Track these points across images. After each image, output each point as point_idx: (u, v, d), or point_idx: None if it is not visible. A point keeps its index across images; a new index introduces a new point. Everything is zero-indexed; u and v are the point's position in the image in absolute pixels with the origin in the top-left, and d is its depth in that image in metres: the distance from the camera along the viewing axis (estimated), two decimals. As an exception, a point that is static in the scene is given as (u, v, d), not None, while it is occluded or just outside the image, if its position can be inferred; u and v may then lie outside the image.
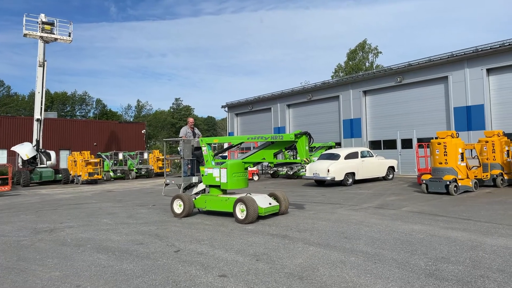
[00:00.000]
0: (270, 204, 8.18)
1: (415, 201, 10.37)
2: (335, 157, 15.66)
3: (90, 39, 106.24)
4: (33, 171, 21.61)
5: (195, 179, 9.41)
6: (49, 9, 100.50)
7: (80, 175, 21.22)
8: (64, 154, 31.50)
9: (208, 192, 9.01)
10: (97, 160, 22.19)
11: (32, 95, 56.12)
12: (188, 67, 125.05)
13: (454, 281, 4.10)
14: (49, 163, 22.52)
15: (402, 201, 10.45)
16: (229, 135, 33.20)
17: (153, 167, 26.95)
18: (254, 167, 19.76)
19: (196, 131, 10.97)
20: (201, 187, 9.23)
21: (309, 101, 26.35)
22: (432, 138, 13.08)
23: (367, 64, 48.80)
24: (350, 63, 49.63)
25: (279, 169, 21.27)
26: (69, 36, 23.09)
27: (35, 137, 22.28)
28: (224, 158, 16.58)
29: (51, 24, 22.33)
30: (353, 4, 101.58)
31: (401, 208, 9.27)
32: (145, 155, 27.39)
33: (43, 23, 21.90)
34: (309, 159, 7.79)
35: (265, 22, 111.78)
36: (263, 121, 30.17)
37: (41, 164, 22.23)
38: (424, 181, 12.18)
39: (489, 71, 17.74)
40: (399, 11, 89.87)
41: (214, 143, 9.39)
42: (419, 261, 4.82)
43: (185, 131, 10.77)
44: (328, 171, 14.84)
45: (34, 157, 21.96)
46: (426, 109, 20.05)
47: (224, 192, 8.68)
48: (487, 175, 13.01)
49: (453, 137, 12.05)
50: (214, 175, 8.46)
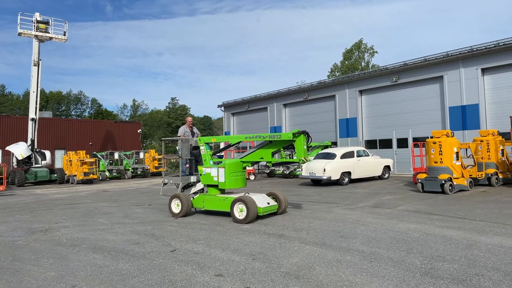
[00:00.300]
0: (268, 203, 8.15)
1: (410, 200, 10.41)
2: (331, 156, 15.70)
3: (85, 38, 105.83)
4: (28, 171, 21.49)
5: (193, 179, 9.35)
6: (44, 8, 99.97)
7: (75, 175, 21.11)
8: (59, 153, 31.28)
9: (206, 191, 8.97)
10: (92, 159, 22.09)
11: (27, 95, 55.73)
12: (184, 66, 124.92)
13: (449, 279, 4.12)
14: (44, 163, 22.39)
15: (397, 200, 10.49)
16: (225, 135, 33.18)
17: (149, 167, 26.89)
18: (251, 167, 19.77)
19: (194, 130, 10.93)
20: (199, 186, 9.18)
21: (305, 100, 26.38)
22: (427, 137, 13.16)
23: (363, 63, 48.95)
24: (346, 62, 49.76)
25: (276, 168, 21.28)
26: (64, 35, 22.91)
27: (30, 136, 22.13)
28: (220, 157, 16.58)
29: (46, 23, 22.14)
30: (349, 4, 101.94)
31: (397, 207, 9.31)
32: (141, 155, 27.31)
33: (38, 22, 21.72)
34: (307, 159, 7.79)
35: (261, 21, 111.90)
36: (260, 120, 30.17)
37: (36, 164, 22.09)
38: (419, 180, 12.24)
39: (484, 71, 17.84)
40: (395, 11, 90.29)
41: (212, 143, 9.36)
42: (414, 260, 4.84)
43: (183, 130, 10.72)
44: (324, 170, 14.87)
45: (29, 157, 21.83)
46: (421, 109, 20.14)
47: (222, 191, 8.64)
48: (482, 174, 13.09)
49: (448, 137, 12.11)
50: (212, 175, 8.42)
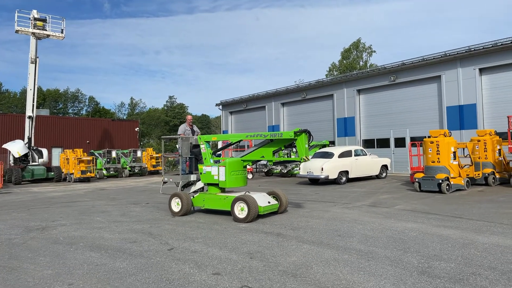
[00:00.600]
0: (269, 202, 8.09)
1: (408, 199, 10.44)
2: (329, 155, 15.71)
3: (83, 35, 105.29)
4: (25, 169, 21.40)
5: (193, 177, 9.28)
6: (42, 5, 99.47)
7: (72, 173, 21.06)
8: (56, 151, 31.19)
9: (206, 190, 8.91)
10: (90, 158, 22.01)
11: (24, 92, 55.51)
12: (182, 64, 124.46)
13: (446, 278, 4.13)
14: (41, 161, 22.30)
15: (395, 199, 10.52)
16: (223, 134, 33.14)
17: (146, 165, 26.85)
18: (250, 166, 19.71)
19: (195, 128, 10.88)
20: (199, 185, 9.11)
21: (304, 99, 26.39)
22: (425, 137, 13.17)
23: (361, 63, 48.99)
24: (344, 62, 49.79)
25: (273, 167, 21.27)
26: (62, 32, 22.79)
27: (27, 134, 22.04)
28: (218, 156, 16.54)
29: (43, 20, 22.04)
30: (348, 3, 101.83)
31: (394, 206, 9.33)
32: (139, 153, 27.23)
33: (35, 19, 21.61)
34: (308, 158, 7.75)
35: (260, 20, 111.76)
36: (258, 119, 30.16)
37: (33, 161, 21.99)
38: (417, 180, 12.27)
39: (481, 71, 17.89)
40: (393, 10, 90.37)
41: (212, 141, 9.32)
42: (411, 259, 4.86)
43: (183, 128, 10.64)
44: (322, 169, 14.88)
45: (26, 155, 21.73)
46: (419, 108, 20.18)
47: (222, 190, 8.60)
48: (479, 174, 13.14)
49: (445, 136, 12.14)
50: (212, 173, 8.37)
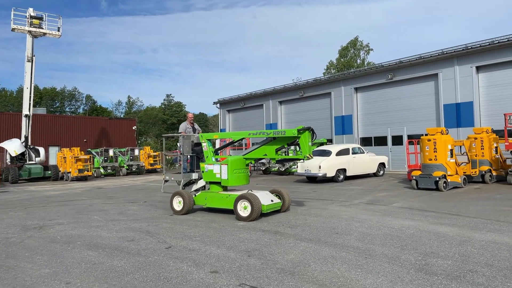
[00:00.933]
0: (272, 201, 8.03)
1: (405, 197, 10.47)
2: (327, 153, 15.73)
3: (79, 34, 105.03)
4: (22, 168, 21.30)
5: (194, 176, 9.22)
6: (38, 3, 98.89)
7: (69, 172, 21.00)
8: (53, 150, 31.07)
9: (208, 189, 8.86)
10: (87, 156, 21.95)
11: (20, 91, 55.24)
12: (179, 63, 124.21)
13: (443, 275, 4.15)
14: (38, 159, 22.21)
15: (392, 197, 10.55)
16: (221, 132, 33.11)
17: (144, 164, 26.81)
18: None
19: (196, 126, 10.83)
20: (201, 183, 9.04)
21: (301, 97, 26.38)
22: (422, 134, 13.22)
23: (359, 61, 49.03)
24: (341, 60, 49.80)
25: (271, 165, 21.28)
26: (58, 30, 22.66)
27: (23, 133, 21.92)
28: (216, 155, 16.51)
29: (40, 18, 21.90)
30: (345, 1, 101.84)
31: (392, 204, 9.35)
32: (136, 152, 27.21)
33: (31, 17, 21.48)
34: (312, 155, 7.70)
35: (257, 18, 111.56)
36: (255, 117, 30.13)
37: (30, 160, 21.89)
38: (414, 177, 12.30)
39: (478, 69, 17.93)
40: (391, 8, 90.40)
41: (214, 139, 9.24)
42: (409, 256, 4.87)
43: (184, 126, 10.57)
44: (319, 167, 14.90)
45: (22, 154, 21.63)
46: (416, 106, 20.21)
47: (224, 189, 8.55)
48: (475, 171, 13.19)
49: (442, 134, 12.18)
50: (214, 172, 8.30)
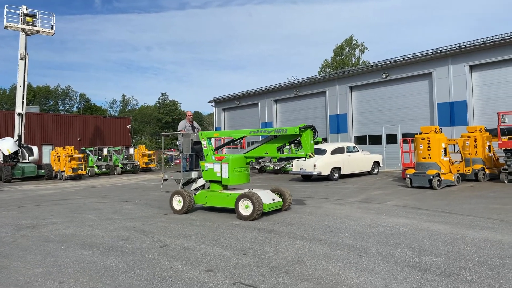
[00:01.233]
0: (273, 200, 7.99)
1: (399, 195, 10.53)
2: (322, 152, 15.76)
3: (73, 31, 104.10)
4: (15, 167, 21.13)
5: (194, 174, 9.15)
6: (31, 0, 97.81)
7: (63, 171, 20.86)
8: (47, 149, 30.83)
9: (208, 187, 8.80)
10: (81, 155, 21.82)
11: (13, 89, 54.75)
12: (174, 61, 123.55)
13: (436, 273, 4.18)
14: (31, 158, 22.05)
15: (386, 195, 10.60)
16: (216, 130, 33.05)
17: (138, 163, 26.70)
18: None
19: (195, 125, 10.73)
20: (201, 182, 8.98)
21: (296, 96, 26.42)
22: (416, 133, 13.30)
23: (354, 60, 49.15)
24: (337, 59, 49.90)
25: (266, 164, 21.28)
26: (52, 28, 22.48)
27: (16, 132, 21.74)
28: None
29: (33, 16, 21.70)
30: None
31: (386, 202, 9.40)
32: (131, 151, 27.10)
33: (24, 15, 21.27)
34: (314, 154, 7.65)
35: (252, 16, 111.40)
36: (251, 116, 30.12)
37: (23, 159, 21.73)
38: (408, 176, 12.38)
39: (472, 68, 18.06)
40: (385, 7, 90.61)
41: (214, 137, 9.17)
42: (402, 254, 4.91)
43: (183, 124, 10.46)
44: (314, 166, 14.93)
45: (16, 152, 21.46)
46: (410, 105, 20.32)
47: (225, 187, 8.50)
48: (469, 170, 13.29)
49: (436, 133, 12.26)
50: (214, 170, 8.24)
